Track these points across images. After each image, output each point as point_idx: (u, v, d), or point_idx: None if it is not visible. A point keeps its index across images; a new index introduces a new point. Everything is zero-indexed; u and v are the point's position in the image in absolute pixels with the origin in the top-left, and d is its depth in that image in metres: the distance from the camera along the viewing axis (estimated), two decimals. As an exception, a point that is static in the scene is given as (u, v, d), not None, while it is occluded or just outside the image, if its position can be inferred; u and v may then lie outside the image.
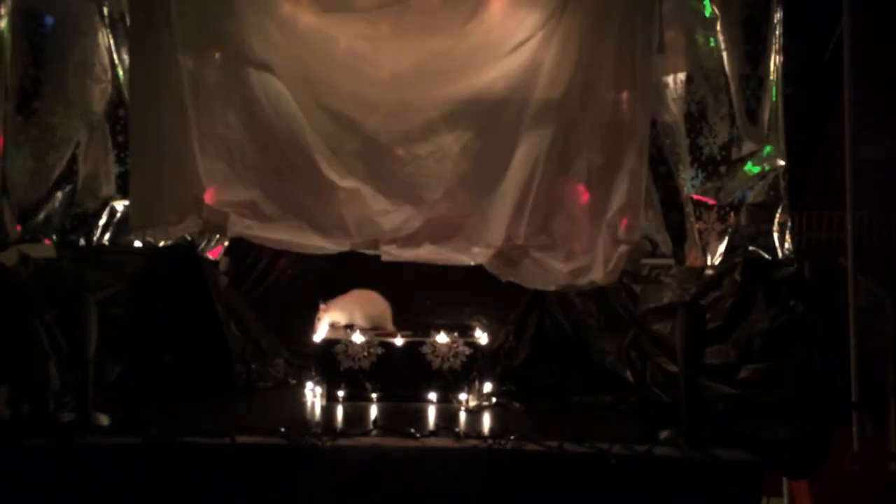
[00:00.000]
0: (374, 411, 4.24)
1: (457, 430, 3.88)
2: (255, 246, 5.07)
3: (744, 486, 3.66)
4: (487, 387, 4.54)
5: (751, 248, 4.28)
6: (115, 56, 4.68)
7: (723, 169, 4.40)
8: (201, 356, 4.75)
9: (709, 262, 4.41)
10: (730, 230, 4.37)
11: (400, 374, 4.50)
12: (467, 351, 4.53)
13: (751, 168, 4.33)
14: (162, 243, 4.89)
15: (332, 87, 4.51)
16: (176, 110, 4.36)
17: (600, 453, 3.62)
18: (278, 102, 4.45)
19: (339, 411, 4.33)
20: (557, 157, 4.43)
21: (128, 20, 4.53)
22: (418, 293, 5.17)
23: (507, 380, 4.78)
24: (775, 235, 4.25)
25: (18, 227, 4.33)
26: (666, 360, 4.34)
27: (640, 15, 4.29)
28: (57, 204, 4.55)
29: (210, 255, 5.19)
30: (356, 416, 4.16)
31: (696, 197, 4.48)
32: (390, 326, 4.80)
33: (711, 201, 4.43)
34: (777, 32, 4.25)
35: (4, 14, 4.24)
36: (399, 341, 4.55)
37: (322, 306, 4.76)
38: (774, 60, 4.25)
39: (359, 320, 4.75)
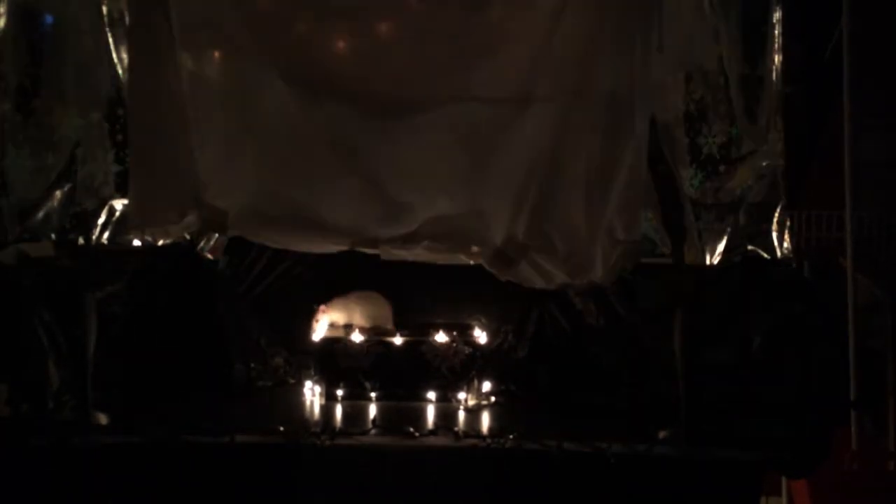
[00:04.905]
0: (373, 410, 4.24)
1: (456, 429, 3.88)
2: (255, 245, 5.06)
3: (743, 485, 3.66)
4: (486, 386, 4.54)
5: (750, 247, 4.28)
6: (115, 55, 4.67)
7: (722, 168, 4.39)
8: (200, 355, 4.74)
9: (708, 262, 4.41)
10: (729, 230, 4.37)
11: (399, 374, 4.50)
12: (466, 350, 4.53)
13: (750, 167, 4.33)
14: (161, 242, 4.86)
15: (332, 86, 4.50)
16: (175, 109, 4.36)
17: (599, 452, 3.62)
18: (278, 101, 4.44)
19: (339, 410, 4.33)
20: (556, 157, 4.43)
21: (127, 19, 4.53)
22: (417, 292, 5.17)
23: (506, 379, 4.78)
24: (774, 235, 4.25)
25: (17, 227, 4.33)
26: (665, 359, 4.33)
27: (639, 14, 4.29)
28: (56, 203, 4.53)
29: (209, 254, 5.18)
30: (355, 416, 4.16)
31: (695, 196, 4.48)
32: (391, 326, 4.79)
33: (710, 201, 4.43)
34: (776, 32, 4.25)
35: (3, 12, 4.24)
36: (398, 340, 4.55)
37: (321, 308, 4.76)
38: (774, 60, 4.25)
39: (359, 320, 4.75)
